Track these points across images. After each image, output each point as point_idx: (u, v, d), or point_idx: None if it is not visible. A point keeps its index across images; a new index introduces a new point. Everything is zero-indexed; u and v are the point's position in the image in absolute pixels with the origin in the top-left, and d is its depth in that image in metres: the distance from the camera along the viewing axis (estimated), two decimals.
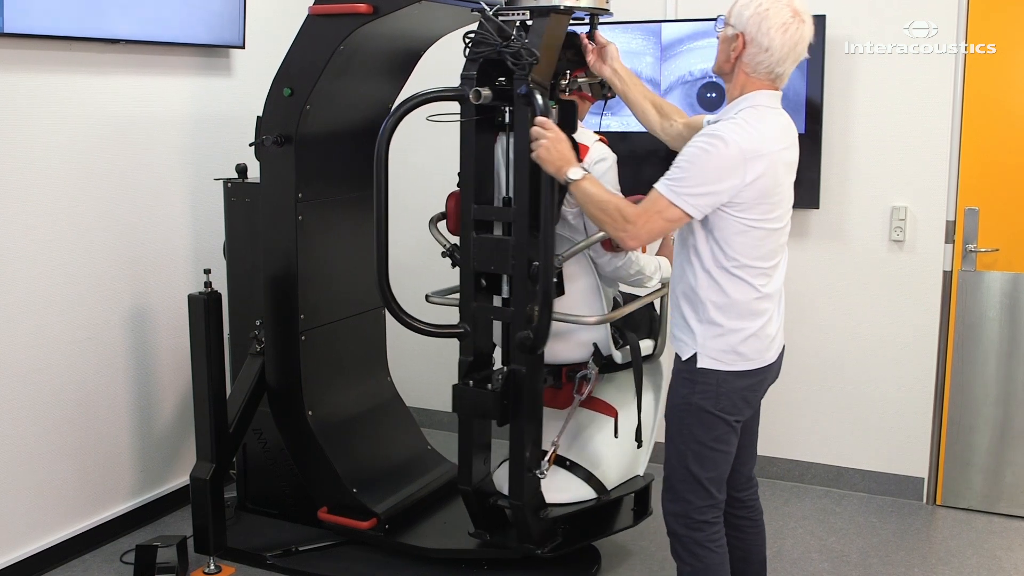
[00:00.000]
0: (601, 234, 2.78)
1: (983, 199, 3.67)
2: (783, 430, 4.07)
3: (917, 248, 3.76)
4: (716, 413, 2.34)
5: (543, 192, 2.60)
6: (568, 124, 2.73)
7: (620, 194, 2.89)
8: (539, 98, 2.58)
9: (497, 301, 2.91)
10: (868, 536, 3.59)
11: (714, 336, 2.31)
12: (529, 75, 2.62)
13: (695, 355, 2.33)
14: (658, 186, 2.25)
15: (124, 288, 3.50)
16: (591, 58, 2.79)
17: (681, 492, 2.40)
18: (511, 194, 2.85)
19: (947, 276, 3.75)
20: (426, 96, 2.77)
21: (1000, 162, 3.63)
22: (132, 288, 3.53)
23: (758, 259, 2.29)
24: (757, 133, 2.20)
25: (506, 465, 3.11)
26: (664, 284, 3.13)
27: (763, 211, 2.24)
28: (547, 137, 2.44)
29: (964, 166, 3.67)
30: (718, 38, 2.39)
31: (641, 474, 3.22)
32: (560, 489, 3.00)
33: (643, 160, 3.99)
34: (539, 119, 2.49)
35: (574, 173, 2.39)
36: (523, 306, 2.75)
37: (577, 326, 2.89)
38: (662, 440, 4.16)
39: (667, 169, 4.14)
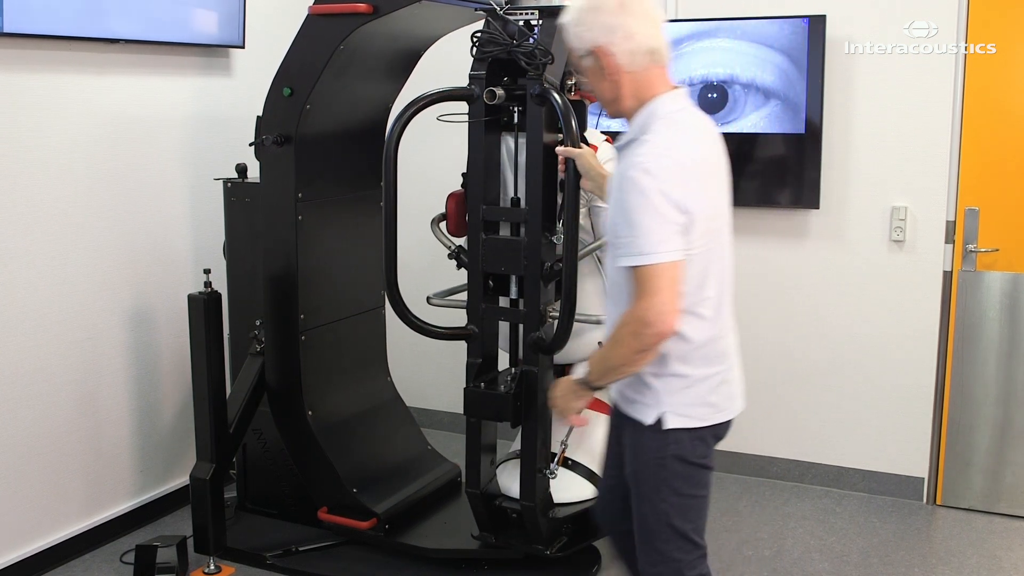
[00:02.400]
0: None
1: (983, 199, 3.67)
2: (783, 430, 4.07)
3: (917, 248, 3.76)
4: (694, 461, 2.10)
5: (568, 193, 2.59)
6: (580, 123, 2.74)
7: None
8: (557, 97, 2.58)
9: (503, 302, 2.91)
10: (868, 536, 3.59)
11: (681, 389, 2.07)
12: (543, 75, 2.62)
13: (662, 416, 2.06)
14: (629, 263, 1.94)
15: (124, 288, 3.49)
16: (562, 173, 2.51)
17: (667, 552, 2.13)
18: (518, 194, 2.86)
19: (947, 276, 3.75)
20: (435, 96, 2.77)
21: (1000, 162, 3.63)
22: (132, 288, 3.53)
23: (706, 285, 2.04)
24: (673, 151, 1.97)
25: (505, 465, 3.12)
26: None
27: (701, 232, 1.98)
28: (555, 396, 2.24)
29: (964, 166, 3.67)
30: (582, 90, 2.28)
31: None
32: (565, 488, 3.01)
33: None
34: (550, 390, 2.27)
35: (581, 375, 2.16)
36: (536, 307, 2.75)
37: (587, 325, 2.90)
38: None
39: None
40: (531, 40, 2.70)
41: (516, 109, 2.78)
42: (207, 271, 3.24)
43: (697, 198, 1.95)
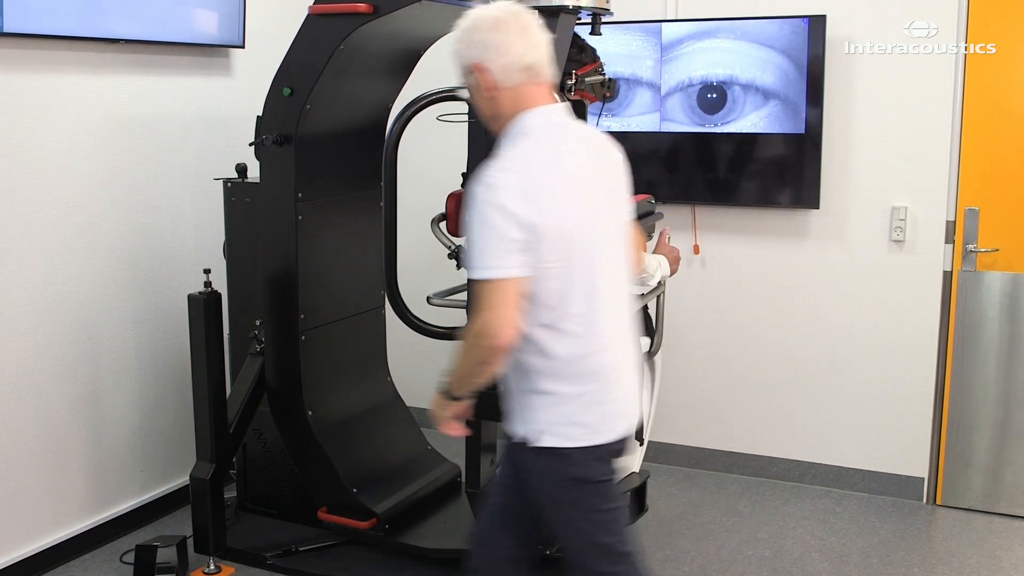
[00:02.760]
0: None
1: (983, 199, 3.67)
2: (783, 430, 4.07)
3: (917, 248, 3.76)
4: (599, 479, 2.06)
5: None
6: None
7: None
8: (556, 98, 2.58)
9: None
10: (868, 536, 3.59)
11: (550, 407, 2.02)
12: None
13: (532, 434, 2.03)
14: (473, 276, 1.95)
15: (124, 288, 3.49)
16: None
17: (600, 568, 2.10)
18: None
19: (947, 276, 3.75)
20: (436, 96, 2.77)
21: (1000, 162, 3.63)
22: (132, 288, 3.53)
23: (571, 301, 1.99)
24: (516, 167, 1.95)
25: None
26: (662, 283, 3.13)
27: (556, 248, 1.94)
28: (432, 405, 2.17)
29: (964, 166, 3.67)
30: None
31: (637, 471, 3.23)
32: None
33: (643, 160, 3.99)
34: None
35: (443, 386, 2.12)
36: None
37: None
38: (656, 439, 4.19)
39: (665, 170, 4.17)
40: None
41: None
42: (207, 271, 3.24)
43: (548, 214, 1.92)
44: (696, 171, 3.99)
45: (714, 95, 3.87)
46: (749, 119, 3.82)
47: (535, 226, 1.91)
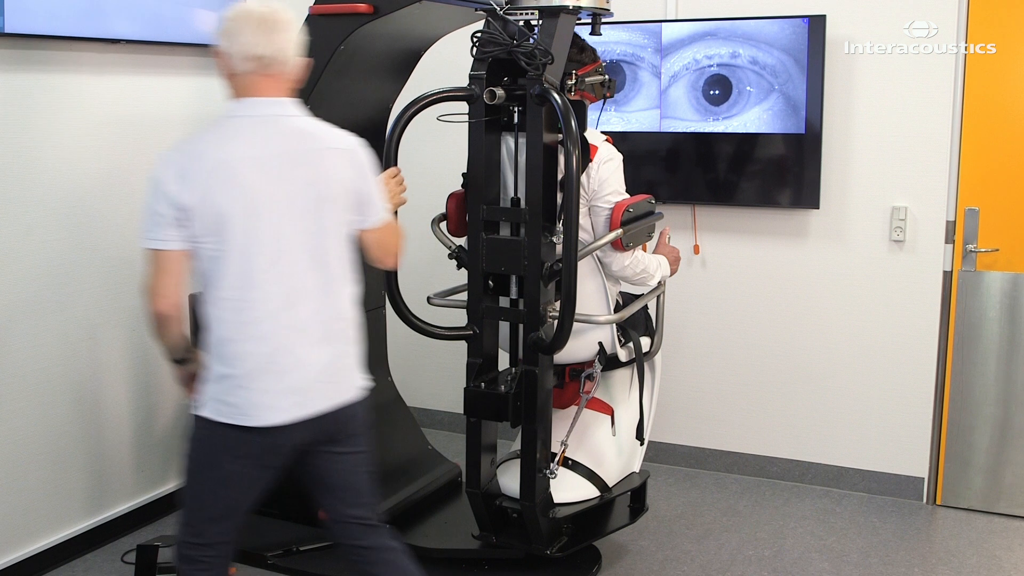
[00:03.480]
0: (611, 236, 2.80)
1: (983, 199, 3.67)
2: (783, 430, 4.07)
3: (917, 248, 3.76)
4: (227, 454, 2.19)
5: (568, 193, 2.59)
6: (580, 123, 2.74)
7: (627, 193, 2.91)
8: (557, 97, 2.58)
9: (503, 302, 2.91)
10: (868, 536, 3.59)
11: (209, 380, 2.16)
12: (543, 75, 2.62)
13: (200, 402, 2.17)
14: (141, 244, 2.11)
15: (124, 288, 3.49)
16: None
17: (180, 536, 2.34)
18: (518, 194, 2.86)
19: (947, 276, 3.75)
20: (436, 96, 2.77)
21: (1000, 162, 3.64)
22: (132, 288, 3.53)
23: (219, 286, 2.10)
24: (187, 148, 2.09)
25: (505, 466, 3.12)
26: (662, 283, 3.14)
27: (205, 231, 2.06)
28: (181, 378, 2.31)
29: (964, 166, 3.67)
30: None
31: (637, 471, 3.23)
32: (565, 488, 3.01)
33: (643, 160, 3.99)
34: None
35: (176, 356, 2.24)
36: (536, 307, 2.75)
37: (587, 326, 2.90)
38: (656, 439, 4.20)
39: (665, 170, 4.17)
40: (531, 40, 2.71)
41: (516, 109, 2.79)
42: None
43: (199, 196, 2.03)
44: (696, 171, 3.99)
45: (716, 91, 3.87)
46: (752, 112, 3.81)
47: (184, 206, 2.03)
